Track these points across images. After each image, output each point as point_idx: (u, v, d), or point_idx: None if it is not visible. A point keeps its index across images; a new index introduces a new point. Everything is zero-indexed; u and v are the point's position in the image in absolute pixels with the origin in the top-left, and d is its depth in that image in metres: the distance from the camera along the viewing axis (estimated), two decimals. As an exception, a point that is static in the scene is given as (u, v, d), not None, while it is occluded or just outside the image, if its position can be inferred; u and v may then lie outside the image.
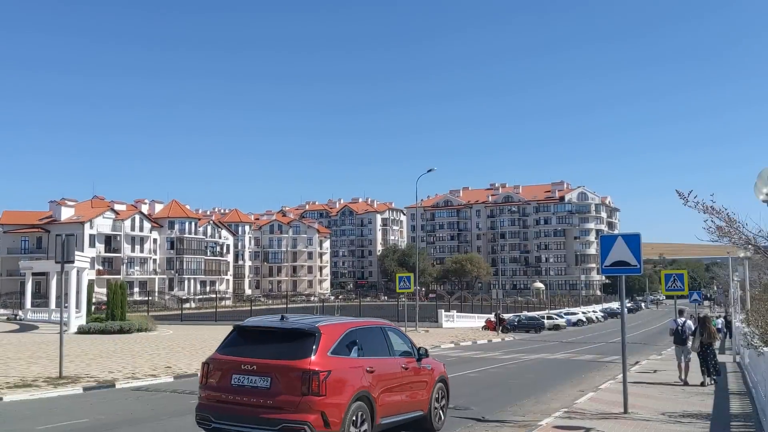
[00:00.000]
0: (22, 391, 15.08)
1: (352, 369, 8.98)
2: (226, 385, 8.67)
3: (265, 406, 8.33)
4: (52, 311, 46.50)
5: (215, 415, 8.61)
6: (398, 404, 9.86)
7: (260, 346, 8.81)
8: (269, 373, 8.45)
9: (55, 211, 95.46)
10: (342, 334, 9.20)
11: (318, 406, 8.25)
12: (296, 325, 9.06)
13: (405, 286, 35.23)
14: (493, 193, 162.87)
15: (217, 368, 8.87)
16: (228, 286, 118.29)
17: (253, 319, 10.29)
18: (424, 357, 10.90)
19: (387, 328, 10.58)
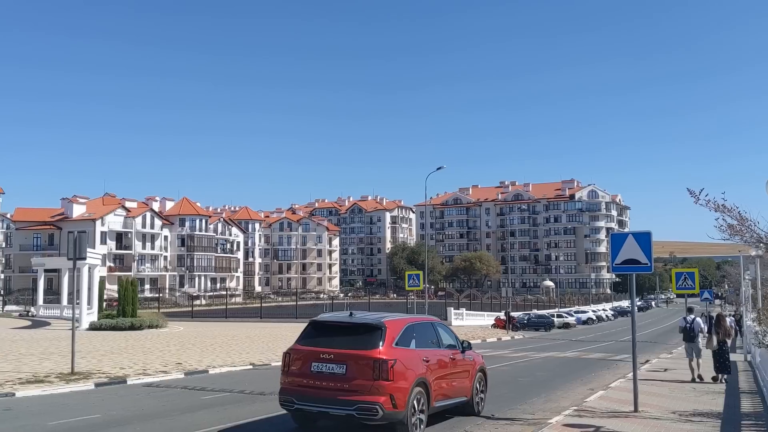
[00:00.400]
0: (35, 386, 15.19)
1: (413, 358, 10.32)
2: (307, 371, 10.02)
3: (342, 389, 9.69)
4: (63, 308, 46.78)
5: (298, 397, 9.99)
6: (448, 390, 11.29)
7: (335, 338, 10.21)
8: (344, 362, 9.80)
9: (66, 209, 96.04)
10: (403, 328, 10.61)
11: (387, 390, 9.59)
12: (365, 320, 10.58)
13: (414, 284, 35.14)
14: (502, 191, 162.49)
15: (298, 357, 10.23)
16: (238, 283, 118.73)
17: (325, 314, 11.80)
18: (468, 349, 12.41)
19: (436, 324, 12.10)
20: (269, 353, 25.08)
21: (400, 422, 9.80)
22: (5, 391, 14.35)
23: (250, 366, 20.91)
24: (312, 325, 10.80)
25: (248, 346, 27.93)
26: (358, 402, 9.54)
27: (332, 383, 9.76)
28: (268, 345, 28.96)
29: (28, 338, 30.21)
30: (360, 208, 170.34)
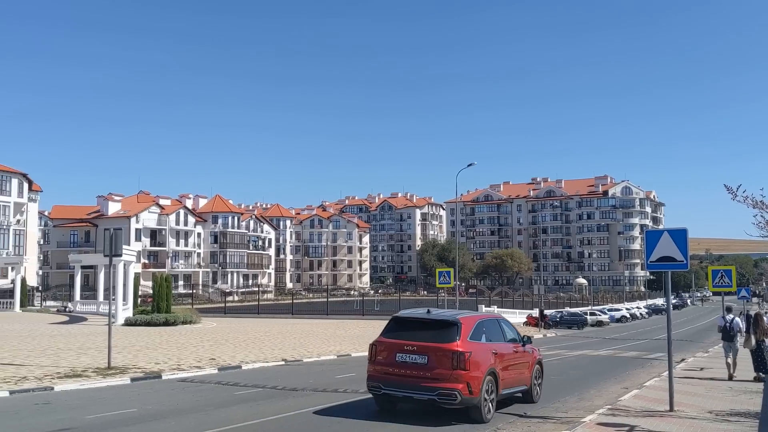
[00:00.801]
0: (73, 381, 15.50)
1: (484, 351, 11.63)
2: (392, 361, 11.44)
3: (424, 377, 11.08)
4: (100, 303, 47.59)
5: (384, 383, 11.44)
6: (512, 379, 12.59)
7: (416, 332, 11.59)
8: (426, 353, 11.17)
9: (102, 206, 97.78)
10: (475, 324, 11.97)
11: (464, 378, 10.95)
12: (442, 317, 11.97)
13: (445, 281, 35.02)
14: (534, 187, 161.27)
15: (383, 349, 11.68)
16: (270, 279, 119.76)
17: (405, 311, 13.06)
18: (528, 343, 13.66)
19: (500, 320, 13.45)
20: (301, 349, 25.26)
21: (475, 407, 11.16)
22: (44, 385, 14.67)
23: (282, 362, 21.07)
24: (394, 321, 12.26)
25: (280, 342, 28.14)
26: (439, 388, 10.94)
27: (415, 371, 11.16)
28: (299, 341, 29.15)
29: (66, 333, 30.81)
30: (390, 205, 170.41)
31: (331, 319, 50.03)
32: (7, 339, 26.39)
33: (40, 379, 15.58)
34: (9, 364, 18.18)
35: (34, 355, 20.64)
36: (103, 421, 11.14)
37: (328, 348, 26.11)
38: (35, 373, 16.55)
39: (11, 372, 16.59)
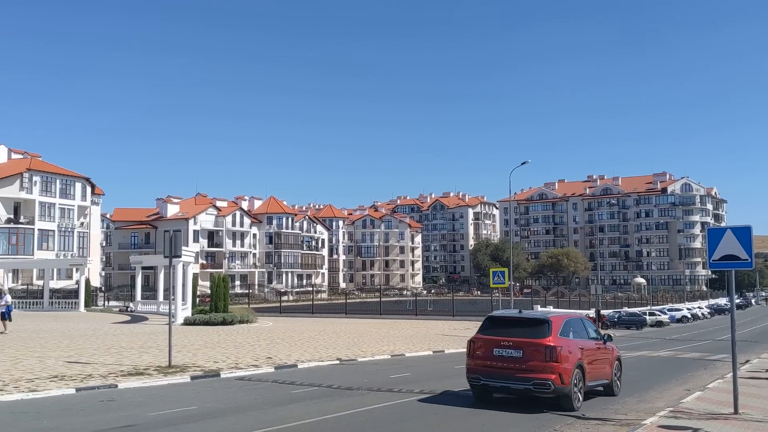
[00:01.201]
0: (135, 378, 15.95)
1: (572, 346, 12.85)
2: (490, 355, 12.76)
3: (520, 369, 12.34)
4: (160, 303, 48.77)
5: (483, 375, 12.77)
6: (596, 373, 13.77)
7: (511, 329, 12.94)
8: (521, 347, 12.46)
9: (161, 208, 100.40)
10: (563, 322, 13.20)
11: (557, 370, 12.15)
12: (534, 316, 13.70)
13: (499, 281, 34.74)
14: (590, 185, 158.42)
15: (481, 344, 13.04)
16: (323, 279, 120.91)
17: (498, 311, 14.97)
18: (609, 341, 14.89)
19: (584, 319, 14.90)
20: (355, 348, 25.39)
21: (566, 395, 12.35)
22: (109, 383, 15.14)
23: (336, 361, 21.22)
24: (489, 320, 13.72)
25: (334, 342, 28.34)
26: (534, 379, 12.18)
27: (511, 364, 12.45)
28: (353, 340, 29.31)
29: (128, 332, 31.67)
30: (442, 204, 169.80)
31: (384, 319, 50.13)
32: (73, 338, 27.32)
33: (105, 377, 16.07)
34: (75, 362, 18.82)
35: (99, 354, 21.31)
36: (164, 419, 11.44)
37: (381, 348, 26.19)
38: (100, 371, 17.09)
39: (77, 370, 17.18)
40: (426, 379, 17.07)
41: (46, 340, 25.76)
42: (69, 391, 14.15)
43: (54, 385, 14.68)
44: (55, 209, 74.27)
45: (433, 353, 25.37)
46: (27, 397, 13.39)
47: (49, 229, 73.28)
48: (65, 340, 26.28)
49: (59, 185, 75.39)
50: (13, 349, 22.30)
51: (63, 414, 11.79)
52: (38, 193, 72.44)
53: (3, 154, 75.23)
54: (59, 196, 74.96)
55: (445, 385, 15.91)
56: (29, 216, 71.50)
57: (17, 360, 19.09)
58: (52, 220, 73.77)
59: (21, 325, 32.70)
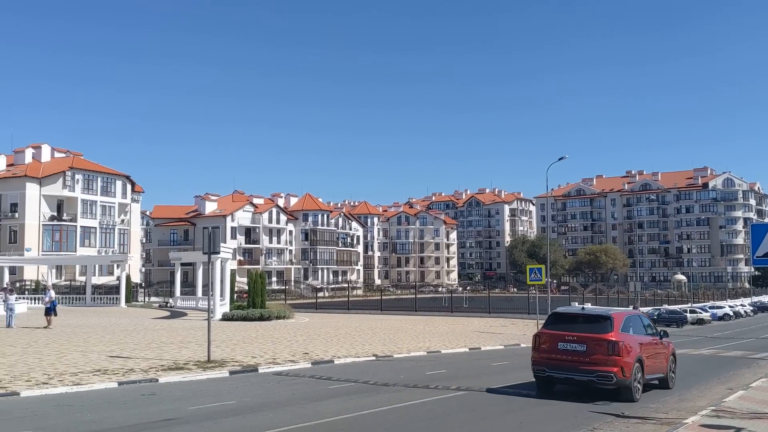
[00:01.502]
0: (175, 373, 16.24)
1: (633, 341, 13.67)
2: (554, 348, 13.61)
3: (583, 362, 13.18)
4: (198, 299, 49.49)
5: (548, 367, 13.64)
6: (653, 367, 14.61)
7: (574, 325, 13.86)
8: (584, 342, 13.30)
9: (200, 206, 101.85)
10: (624, 319, 14.03)
11: (618, 363, 12.99)
12: (597, 312, 14.49)
13: (536, 278, 34.34)
14: (629, 180, 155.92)
15: (546, 339, 13.90)
16: (358, 276, 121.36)
17: (562, 308, 15.69)
18: (665, 337, 15.75)
19: (641, 316, 15.67)
20: (391, 345, 25.43)
21: (627, 387, 13.17)
22: (150, 377, 15.45)
23: (373, 357, 21.29)
24: (554, 316, 14.65)
25: (370, 338, 28.44)
26: (597, 371, 13.02)
27: (575, 357, 13.29)
28: (389, 337, 29.36)
29: (168, 327, 32.24)
30: (477, 200, 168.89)
31: (419, 316, 50.12)
32: (115, 333, 27.91)
33: (146, 371, 16.40)
34: (117, 357, 19.24)
35: (140, 348, 21.74)
36: (204, 412, 11.62)
37: (417, 344, 26.19)
38: (141, 365, 17.44)
39: (119, 364, 17.55)
40: (462, 376, 17.03)
41: (88, 335, 26.37)
42: (111, 384, 14.48)
43: (97, 378, 15.04)
44: (97, 207, 75.87)
45: (469, 350, 25.28)
46: (71, 390, 13.74)
47: (90, 226, 74.90)
48: (107, 335, 26.86)
49: (100, 183, 76.99)
50: (58, 343, 22.89)
51: (106, 407, 12.06)
52: (80, 191, 74.06)
53: (46, 153, 77.07)
54: (100, 194, 76.56)
55: (482, 382, 15.85)
56: (72, 213, 73.17)
57: (62, 354, 19.58)
58: (94, 218, 75.37)
59: (65, 320, 33.52)
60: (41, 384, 14.12)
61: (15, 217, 69.84)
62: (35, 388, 13.68)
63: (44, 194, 71.29)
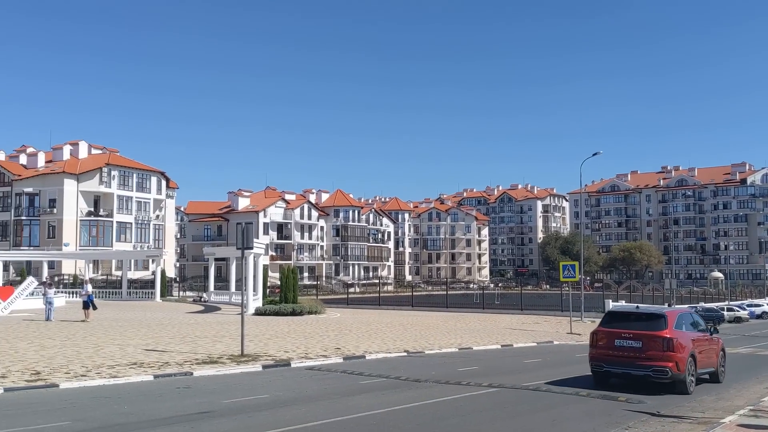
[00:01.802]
0: (209, 366, 16.45)
1: (686, 338, 14.47)
2: (611, 345, 14.45)
3: (639, 357, 14.01)
4: (232, 294, 50.05)
5: (605, 362, 14.48)
6: (704, 362, 15.27)
7: (629, 323, 14.69)
8: (640, 339, 14.12)
9: (233, 201, 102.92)
10: (677, 317, 14.92)
11: (673, 358, 13.80)
12: (651, 311, 15.59)
13: (569, 274, 33.97)
14: (664, 176, 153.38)
15: (603, 336, 14.74)
16: (389, 271, 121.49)
17: (617, 306, 16.66)
18: (715, 333, 16.52)
19: (693, 314, 16.51)
20: (422, 341, 25.42)
21: (681, 381, 13.95)
22: (185, 371, 15.68)
23: (404, 353, 21.31)
24: (609, 315, 15.72)
25: (401, 334, 28.46)
26: (653, 366, 13.81)
27: (632, 353, 14.11)
28: (420, 333, 29.35)
29: (202, 322, 32.67)
30: (509, 196, 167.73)
31: (450, 312, 49.99)
32: (150, 327, 28.37)
33: (181, 364, 16.64)
34: (153, 350, 19.55)
35: (175, 342, 22.07)
36: (238, 406, 11.76)
37: (449, 341, 26.14)
38: (176, 359, 17.70)
39: (155, 357, 17.84)
40: (494, 373, 16.96)
41: (125, 329, 26.85)
42: (147, 377, 14.73)
43: (133, 371, 15.31)
44: (132, 202, 77.15)
45: (501, 347, 25.15)
46: (108, 382, 14.01)
47: (126, 222, 76.19)
48: (143, 328, 27.32)
49: (136, 179, 78.25)
50: (95, 336, 23.35)
51: (142, 399, 12.28)
52: (116, 186, 75.36)
53: (84, 150, 78.59)
54: (136, 190, 77.83)
55: (514, 379, 15.76)
56: (108, 209, 74.51)
57: (99, 347, 19.97)
58: (130, 213, 76.66)
59: (102, 314, 34.15)
60: (79, 376, 14.44)
61: (53, 213, 71.38)
62: (74, 380, 13.98)
63: (81, 190, 72.71)
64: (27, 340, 21.52)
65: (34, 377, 14.14)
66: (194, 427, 9.96)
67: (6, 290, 36.96)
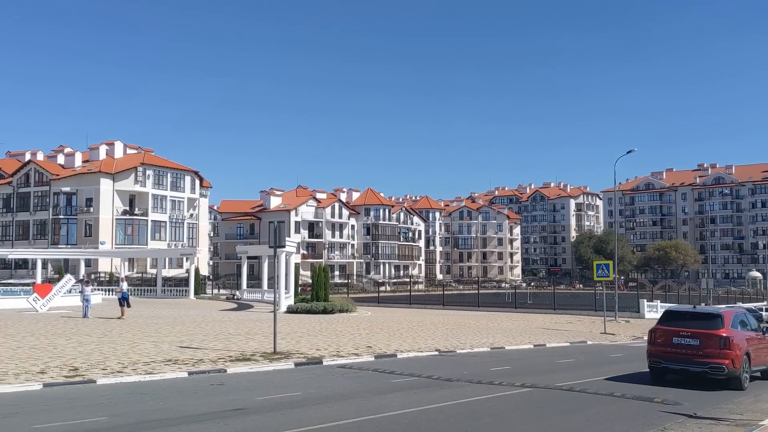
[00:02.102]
0: (242, 364, 16.58)
1: (741, 336, 15.17)
2: (669, 343, 15.19)
3: (697, 355, 14.69)
4: (264, 291, 50.49)
5: (663, 359, 15.20)
6: (758, 360, 15.96)
7: (687, 321, 15.43)
8: (697, 337, 14.81)
9: (265, 200, 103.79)
10: (732, 316, 15.52)
11: (729, 356, 14.49)
12: (708, 311, 16.53)
13: (603, 274, 33.56)
14: (701, 174, 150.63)
15: (661, 334, 15.49)
16: (420, 270, 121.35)
17: (674, 306, 18.34)
18: (767, 333, 17.48)
19: (746, 314, 17.00)
20: (453, 340, 25.32)
21: (736, 378, 14.61)
22: (218, 368, 15.84)
23: (435, 352, 21.25)
24: (667, 314, 16.40)
25: (432, 333, 28.38)
26: (710, 363, 14.47)
27: (689, 351, 14.80)
28: (451, 332, 29.25)
29: (235, 319, 32.98)
30: (542, 195, 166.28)
31: (482, 311, 49.74)
32: (185, 324, 28.73)
33: (214, 361, 16.82)
34: (187, 347, 19.80)
35: (208, 339, 22.32)
36: (271, 403, 11.84)
37: (480, 340, 26.00)
38: (210, 356, 17.90)
39: (189, 354, 18.06)
40: (527, 373, 16.82)
41: (159, 326, 27.22)
42: (182, 374, 14.91)
43: (168, 368, 15.51)
44: (167, 201, 78.24)
45: (534, 347, 24.95)
46: (144, 379, 14.22)
47: (161, 221, 77.31)
48: (177, 325, 27.68)
49: (170, 179, 79.33)
50: (131, 333, 23.72)
51: (176, 396, 12.43)
52: (151, 186, 76.51)
53: (119, 149, 79.92)
54: (170, 189, 78.90)
55: (548, 379, 15.61)
56: (143, 208, 75.69)
57: (134, 344, 20.29)
58: (164, 212, 77.76)
59: (137, 311, 34.70)
60: (116, 372, 14.68)
61: (90, 212, 72.75)
62: (110, 376, 14.22)
63: (117, 189, 73.97)
64: (65, 337, 21.94)
65: (72, 373, 14.41)
66: (228, 424, 10.05)
67: (45, 288, 37.74)
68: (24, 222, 76.18)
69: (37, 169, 76.66)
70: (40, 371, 14.50)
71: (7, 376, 13.78)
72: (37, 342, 20.18)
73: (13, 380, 13.30)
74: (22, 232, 76.10)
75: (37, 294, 35.63)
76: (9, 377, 13.63)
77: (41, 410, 10.88)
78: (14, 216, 76.73)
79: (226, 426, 9.95)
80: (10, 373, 14.15)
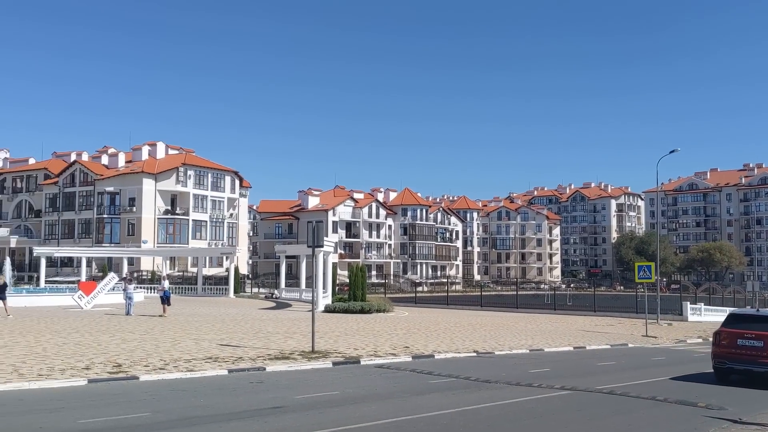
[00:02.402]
0: (281, 362, 16.73)
1: None
2: (734, 344, 15.68)
3: (761, 356, 15.14)
4: (302, 291, 50.82)
5: (728, 360, 15.72)
6: None
7: (751, 324, 15.88)
8: (762, 339, 15.20)
9: (303, 200, 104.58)
10: None
11: None
12: None
13: (645, 275, 32.95)
14: (746, 174, 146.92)
15: (726, 336, 15.97)
16: (457, 271, 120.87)
17: (738, 310, 18.98)
18: None
19: None
20: (492, 341, 25.14)
21: None
22: (257, 366, 16.01)
23: (473, 353, 21.12)
24: (731, 316, 16.92)
25: (470, 334, 28.22)
26: None
27: (754, 352, 15.29)
28: (490, 333, 29.04)
29: (274, 318, 33.27)
30: (582, 195, 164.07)
31: (520, 313, 49.28)
32: (225, 322, 29.10)
33: (254, 360, 17.00)
34: (227, 345, 20.05)
35: (248, 338, 22.56)
36: (309, 402, 11.93)
37: (519, 342, 25.77)
38: (249, 354, 18.09)
39: (229, 352, 18.29)
40: (567, 376, 16.61)
41: (200, 324, 27.62)
42: (222, 372, 15.12)
43: (209, 366, 15.74)
44: (207, 201, 79.37)
45: (574, 349, 24.62)
46: (185, 376, 14.45)
47: (201, 220, 78.47)
48: (217, 324, 28.05)
49: (211, 179, 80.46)
50: (173, 331, 24.11)
51: (217, 393, 12.60)
52: (192, 186, 77.71)
53: (161, 150, 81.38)
54: (211, 189, 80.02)
55: (588, 382, 15.40)
56: (184, 207, 76.93)
57: (176, 342, 20.62)
58: (205, 212, 78.90)
59: (178, 310, 35.26)
60: (158, 369, 14.94)
61: (133, 211, 74.22)
62: (152, 373, 14.49)
63: (159, 189, 75.31)
64: (109, 334, 22.41)
65: (116, 369, 14.72)
66: (267, 422, 10.15)
67: (89, 285, 38.58)
68: (69, 221, 78.07)
69: (82, 169, 78.50)
70: (85, 367, 14.85)
71: (54, 371, 14.14)
72: (82, 338, 20.66)
73: (59, 376, 13.65)
74: (68, 231, 77.99)
75: (82, 292, 36.45)
76: (55, 373, 13.99)
77: (86, 405, 11.14)
78: (60, 215, 78.68)
79: (266, 424, 10.05)
80: (56, 368, 14.52)
